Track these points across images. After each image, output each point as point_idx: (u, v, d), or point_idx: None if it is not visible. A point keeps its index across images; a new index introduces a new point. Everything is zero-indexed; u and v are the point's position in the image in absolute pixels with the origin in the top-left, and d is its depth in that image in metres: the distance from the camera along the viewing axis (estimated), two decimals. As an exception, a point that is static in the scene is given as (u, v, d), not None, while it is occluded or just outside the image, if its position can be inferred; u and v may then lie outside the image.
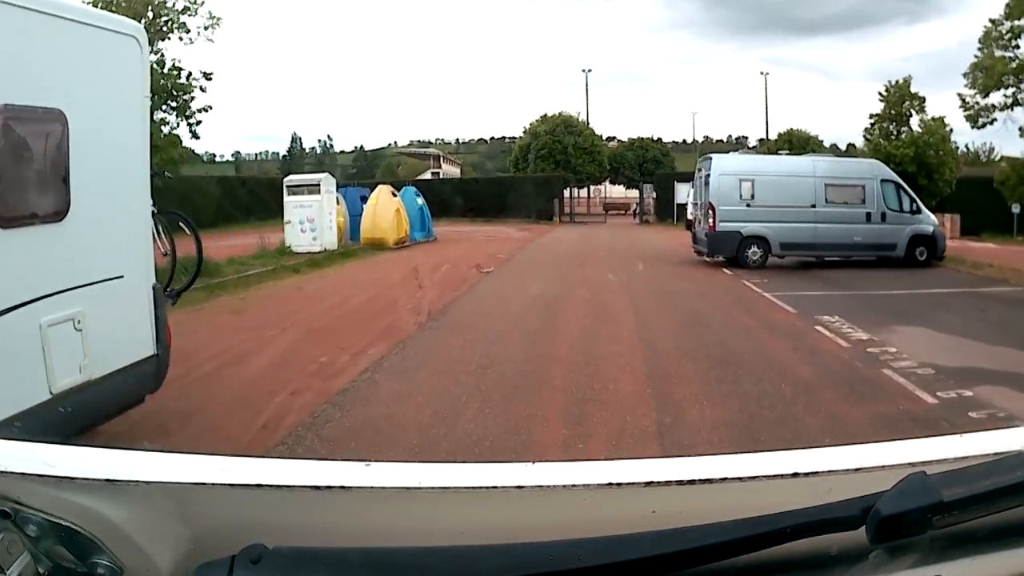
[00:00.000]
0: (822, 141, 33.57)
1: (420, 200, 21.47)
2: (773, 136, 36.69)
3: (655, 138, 39.81)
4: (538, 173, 35.29)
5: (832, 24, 77.20)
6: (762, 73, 44.38)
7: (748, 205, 13.91)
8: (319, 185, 17.17)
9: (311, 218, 16.92)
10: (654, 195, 34.84)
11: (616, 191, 41.92)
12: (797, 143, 27.76)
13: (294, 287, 11.52)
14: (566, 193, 35.78)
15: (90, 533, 0.67)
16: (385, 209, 18.93)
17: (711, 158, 14.71)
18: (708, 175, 14.23)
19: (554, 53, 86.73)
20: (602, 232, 27.95)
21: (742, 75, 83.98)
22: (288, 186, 17.50)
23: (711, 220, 13.96)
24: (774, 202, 13.92)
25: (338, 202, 19.55)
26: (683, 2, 70.07)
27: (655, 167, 36.74)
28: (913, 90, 21.89)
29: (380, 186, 20.01)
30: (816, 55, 77.39)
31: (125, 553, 0.67)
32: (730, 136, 60.47)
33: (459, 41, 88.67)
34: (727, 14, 72.31)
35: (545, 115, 38.36)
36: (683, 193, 31.82)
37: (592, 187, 40.90)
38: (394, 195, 19.67)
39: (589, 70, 53.87)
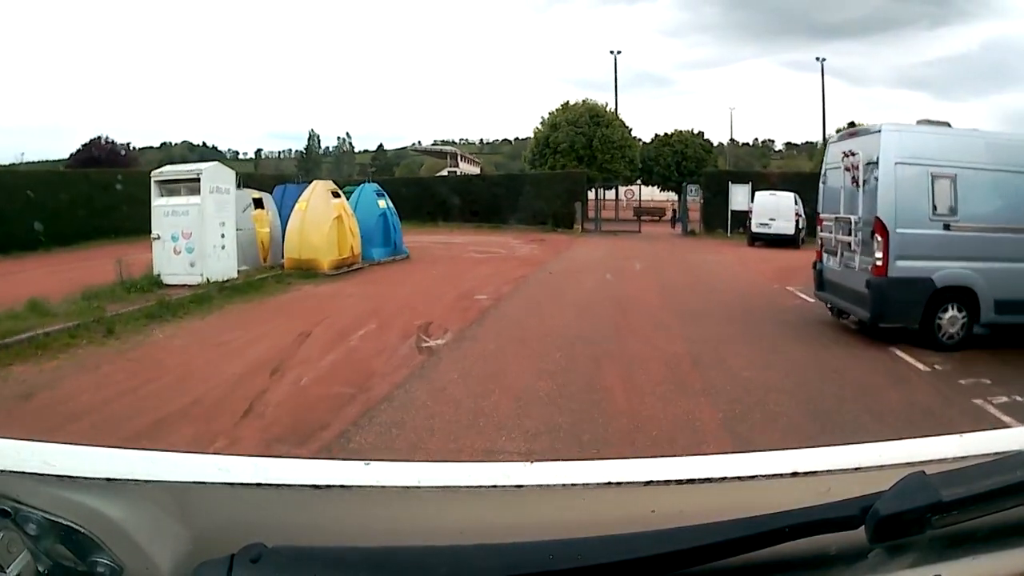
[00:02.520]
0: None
1: (383, 203, 15.10)
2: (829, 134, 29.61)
3: (695, 131, 32.73)
4: (557, 169, 28.47)
5: (853, 28, 75.56)
6: (817, 59, 37.09)
7: (947, 226, 7.13)
8: (199, 180, 10.61)
9: (187, 232, 10.51)
10: (700, 199, 27.88)
11: (647, 193, 35.04)
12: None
13: (27, 392, 5.24)
14: (591, 195, 28.91)
15: (90, 532, 0.69)
16: (319, 216, 12.65)
17: (878, 131, 7.66)
18: (871, 164, 7.46)
19: (576, 54, 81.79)
20: (640, 248, 21.08)
21: (764, 79, 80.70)
22: (157, 182, 11.09)
23: (880, 254, 7.16)
24: (987, 220, 7.20)
25: (260, 205, 13.01)
26: (704, 6, 66.29)
27: (696, 165, 29.93)
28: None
29: (315, 182, 13.57)
30: (839, 60, 75.06)
31: (125, 552, 0.69)
32: (756, 139, 57.23)
33: (483, 42, 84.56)
34: (747, 17, 68.33)
35: (567, 103, 31.56)
36: (739, 197, 25.30)
37: (621, 188, 33.86)
38: (336, 195, 13.11)
39: (619, 51, 45.18)
